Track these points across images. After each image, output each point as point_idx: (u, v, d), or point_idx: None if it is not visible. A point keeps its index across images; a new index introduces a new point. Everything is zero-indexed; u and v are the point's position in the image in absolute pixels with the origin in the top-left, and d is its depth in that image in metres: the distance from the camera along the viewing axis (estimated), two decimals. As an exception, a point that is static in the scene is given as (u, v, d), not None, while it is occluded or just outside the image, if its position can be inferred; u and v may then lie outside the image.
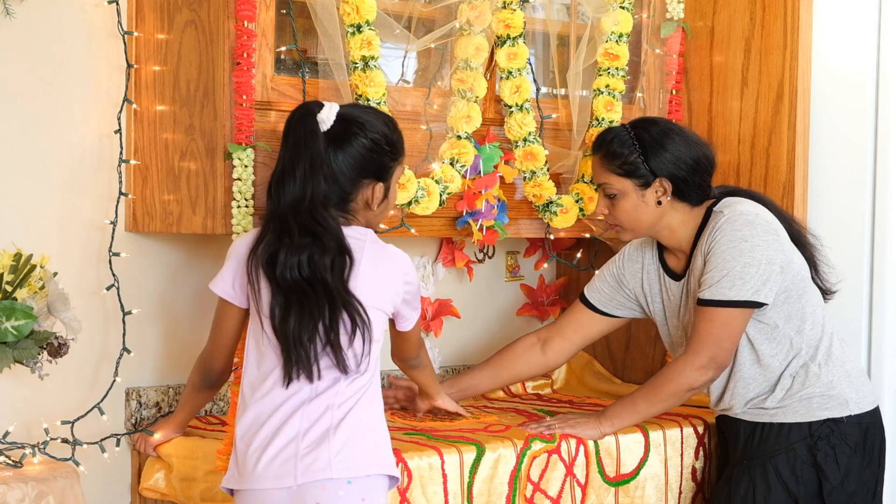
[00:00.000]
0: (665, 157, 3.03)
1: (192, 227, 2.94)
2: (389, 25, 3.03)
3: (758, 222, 2.98)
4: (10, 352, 2.66)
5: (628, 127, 3.09)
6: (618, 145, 3.05)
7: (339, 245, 2.53)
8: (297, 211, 2.52)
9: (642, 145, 3.03)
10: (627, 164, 3.04)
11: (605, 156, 3.07)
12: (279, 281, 2.50)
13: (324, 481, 2.47)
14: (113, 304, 3.07)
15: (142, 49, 3.06)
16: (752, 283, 2.95)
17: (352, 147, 2.59)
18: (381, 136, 2.63)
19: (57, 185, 3.03)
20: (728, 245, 2.96)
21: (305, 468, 2.48)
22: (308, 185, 2.52)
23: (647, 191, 3.05)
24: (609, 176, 3.07)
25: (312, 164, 2.53)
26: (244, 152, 2.83)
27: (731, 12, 3.61)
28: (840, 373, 3.05)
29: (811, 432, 3.02)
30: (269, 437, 2.51)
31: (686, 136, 3.09)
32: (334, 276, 2.50)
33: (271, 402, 2.54)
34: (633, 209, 3.06)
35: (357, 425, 2.53)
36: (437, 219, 3.19)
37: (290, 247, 2.50)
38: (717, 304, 2.97)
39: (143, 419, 3.15)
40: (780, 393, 3.05)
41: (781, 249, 2.99)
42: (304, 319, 2.49)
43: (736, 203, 3.04)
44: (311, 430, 2.51)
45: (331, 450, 2.49)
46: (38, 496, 2.61)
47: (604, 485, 3.09)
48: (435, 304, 3.70)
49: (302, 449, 2.49)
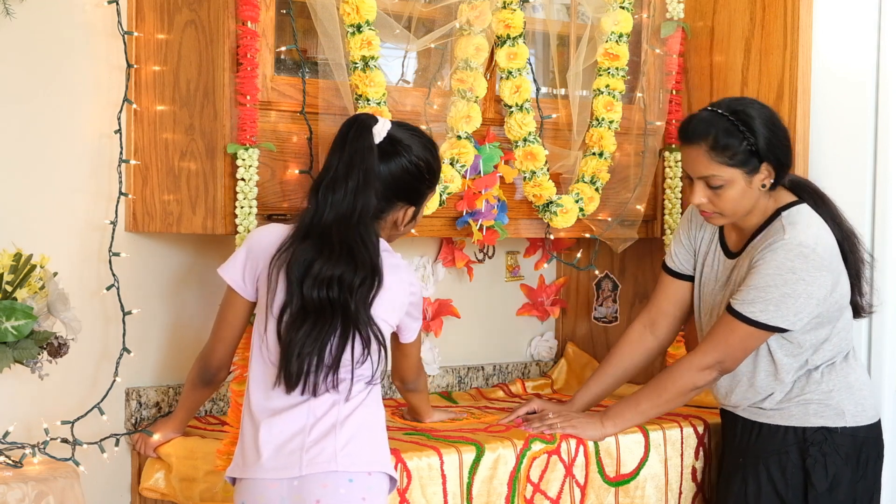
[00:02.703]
0: (772, 140, 2.92)
1: (192, 227, 2.94)
2: (389, 25, 3.03)
3: (812, 257, 2.91)
4: (10, 352, 2.66)
5: (726, 113, 2.93)
6: (725, 135, 2.90)
7: (373, 264, 2.55)
8: (345, 224, 2.53)
9: (752, 132, 2.91)
10: (739, 153, 2.90)
11: (712, 148, 2.91)
12: (303, 292, 2.51)
13: (326, 475, 2.49)
14: (113, 304, 3.07)
15: (142, 49, 3.06)
16: (785, 313, 2.92)
17: (394, 167, 2.63)
18: (424, 162, 2.67)
19: (57, 185, 3.03)
20: (775, 271, 2.91)
21: (311, 460, 2.50)
22: (359, 198, 2.54)
23: (755, 177, 2.94)
24: (718, 168, 2.92)
25: (366, 178, 2.55)
26: (247, 152, 2.83)
27: (731, 12, 3.61)
28: (841, 383, 3.03)
29: (805, 437, 3.01)
30: (276, 428, 2.53)
31: (773, 115, 2.99)
32: (359, 298, 2.52)
33: (279, 397, 2.56)
34: (740, 196, 2.95)
35: (362, 423, 2.56)
36: (437, 219, 3.19)
37: (328, 260, 2.51)
38: (744, 319, 2.94)
39: (143, 419, 3.15)
40: (778, 395, 3.04)
41: (825, 284, 2.94)
42: (312, 336, 2.50)
43: (802, 225, 2.96)
44: (317, 424, 2.53)
45: (336, 443, 2.52)
46: (38, 496, 2.61)
47: (604, 485, 3.09)
48: (435, 304, 3.70)
49: (308, 441, 2.52)
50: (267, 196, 2.91)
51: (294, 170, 2.94)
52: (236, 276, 2.65)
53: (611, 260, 3.91)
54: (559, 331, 4.08)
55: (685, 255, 3.23)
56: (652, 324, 3.28)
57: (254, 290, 2.65)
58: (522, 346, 4.03)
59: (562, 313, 4.07)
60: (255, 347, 2.62)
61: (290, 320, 2.52)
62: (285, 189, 2.94)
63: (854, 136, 3.48)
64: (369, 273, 2.54)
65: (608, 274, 3.94)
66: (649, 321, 3.29)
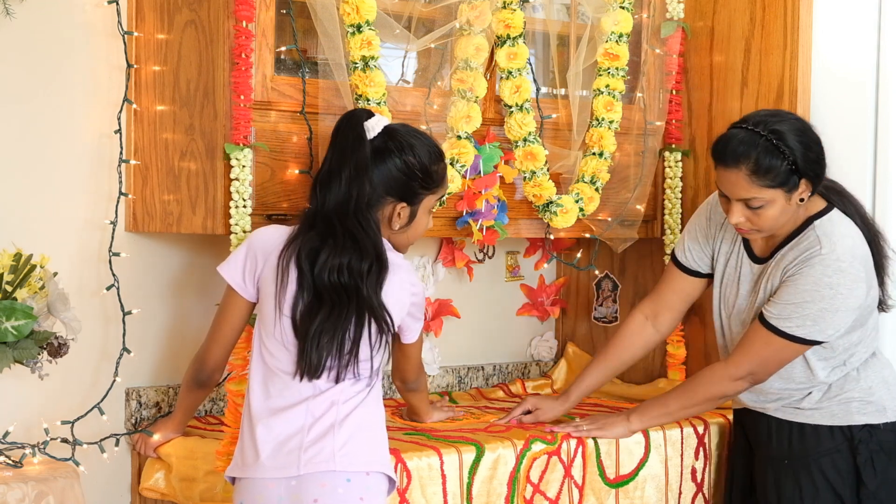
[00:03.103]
0: (810, 157, 2.87)
1: (192, 227, 2.94)
2: (389, 25, 3.02)
3: (849, 271, 2.88)
4: (10, 352, 2.66)
5: (765, 133, 2.85)
6: (766, 158, 2.83)
7: (377, 250, 2.58)
8: (343, 213, 2.57)
9: (791, 152, 2.84)
10: (780, 174, 2.84)
11: (753, 172, 2.84)
12: (315, 279, 2.54)
13: (324, 474, 2.49)
14: (113, 304, 3.07)
15: (142, 49, 3.06)
16: (822, 327, 2.90)
17: (385, 163, 2.65)
18: (417, 162, 2.67)
19: (57, 185, 3.03)
20: (813, 286, 2.88)
21: (309, 459, 2.51)
22: (353, 187, 2.58)
23: (794, 193, 2.89)
24: (759, 190, 2.85)
25: (358, 168, 2.59)
26: (241, 152, 2.83)
27: (731, 12, 3.61)
28: (878, 379, 3.02)
29: (852, 435, 2.99)
30: (276, 429, 2.54)
31: (807, 126, 2.93)
32: (369, 284, 2.55)
33: (278, 396, 2.57)
34: (780, 214, 2.90)
35: (361, 423, 2.57)
36: (437, 219, 3.18)
37: (333, 248, 2.55)
38: (781, 334, 2.92)
39: (143, 419, 3.15)
40: (817, 394, 3.01)
41: (861, 294, 2.92)
42: (329, 323, 2.53)
43: (836, 235, 2.92)
44: (315, 424, 2.54)
45: (335, 443, 2.52)
46: (38, 496, 2.61)
47: (604, 486, 3.09)
48: (435, 304, 3.70)
49: (307, 441, 2.52)
50: (267, 196, 2.91)
51: (294, 170, 2.94)
52: (236, 275, 2.65)
53: (611, 260, 3.91)
54: (559, 331, 4.08)
55: (699, 253, 3.19)
56: (655, 316, 3.26)
57: (254, 291, 2.65)
58: (522, 346, 4.03)
59: (562, 313, 4.07)
60: (256, 349, 2.63)
61: (305, 310, 2.54)
62: (285, 189, 2.94)
63: (854, 136, 3.48)
64: (374, 259, 2.57)
65: (608, 274, 3.94)
66: (652, 313, 3.26)
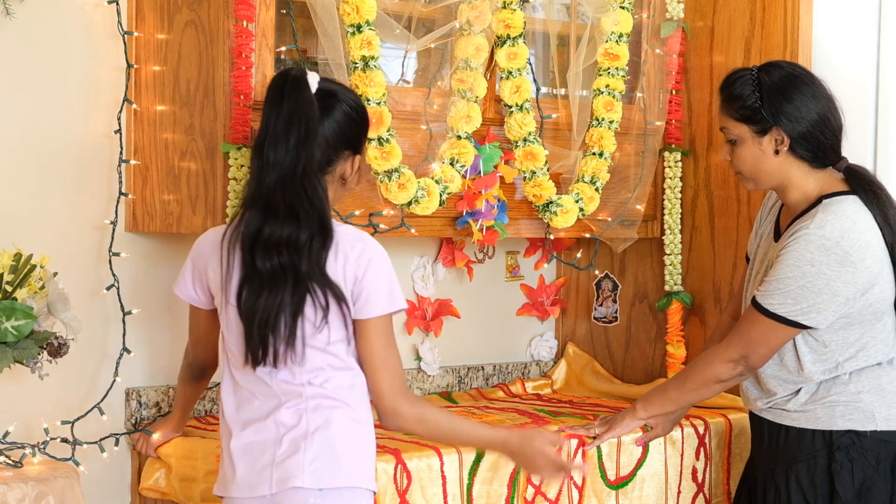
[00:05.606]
0: (784, 105, 2.84)
1: (192, 227, 2.94)
2: (389, 25, 3.03)
3: (834, 251, 2.79)
4: (10, 352, 2.66)
5: (755, 69, 2.91)
6: (739, 87, 2.88)
7: (322, 221, 2.44)
8: (288, 183, 2.42)
9: (762, 89, 2.86)
10: (745, 108, 2.87)
11: (726, 98, 2.91)
12: (254, 258, 2.42)
13: (296, 490, 2.43)
14: (113, 304, 3.07)
15: (142, 49, 3.06)
16: (803, 307, 2.82)
17: (333, 115, 2.52)
18: (357, 105, 2.58)
19: (57, 185, 3.03)
20: (794, 262, 2.82)
21: (279, 478, 2.44)
22: (302, 152, 2.43)
23: (764, 139, 2.87)
24: (727, 120, 2.91)
25: (308, 131, 2.44)
26: (239, 152, 2.83)
27: (731, 12, 3.61)
28: (872, 385, 2.88)
29: (832, 441, 2.87)
30: (247, 442, 2.49)
31: (815, 88, 2.89)
32: (311, 256, 2.42)
33: (248, 408, 2.51)
34: (751, 157, 2.89)
35: (334, 435, 2.47)
36: (437, 219, 3.19)
37: (274, 223, 2.41)
38: (764, 312, 2.86)
39: (143, 419, 3.15)
40: (803, 396, 2.91)
41: (853, 281, 2.81)
42: (271, 301, 2.41)
43: (834, 216, 2.83)
44: (286, 436, 2.46)
45: (305, 458, 2.44)
46: (38, 496, 2.61)
47: (605, 488, 3.09)
48: (435, 303, 3.70)
49: (278, 455, 2.46)
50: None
51: (294, 170, 2.94)
52: (188, 290, 2.62)
53: (611, 260, 3.91)
54: (559, 331, 4.08)
55: (753, 240, 3.14)
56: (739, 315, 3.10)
57: (206, 298, 2.60)
58: (522, 346, 4.03)
59: (562, 313, 4.07)
60: (221, 349, 2.58)
61: (248, 293, 2.43)
62: (285, 189, 2.93)
63: (854, 136, 3.47)
64: (317, 230, 2.43)
65: (608, 274, 3.94)
66: (737, 312, 3.17)
